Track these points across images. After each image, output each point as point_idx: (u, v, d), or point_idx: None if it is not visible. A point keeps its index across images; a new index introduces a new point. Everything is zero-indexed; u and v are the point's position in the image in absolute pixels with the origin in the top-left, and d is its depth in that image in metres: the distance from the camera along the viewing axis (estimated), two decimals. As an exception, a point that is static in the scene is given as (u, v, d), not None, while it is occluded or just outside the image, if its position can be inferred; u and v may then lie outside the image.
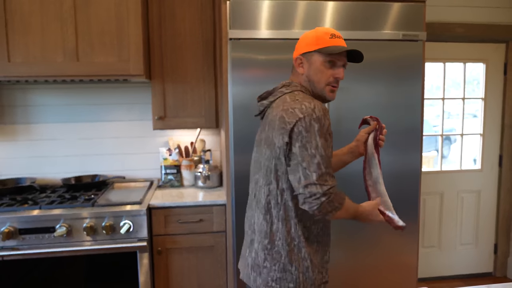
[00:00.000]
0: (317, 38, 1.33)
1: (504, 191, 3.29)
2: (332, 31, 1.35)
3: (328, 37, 1.32)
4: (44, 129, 2.66)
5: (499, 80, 3.22)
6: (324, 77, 1.34)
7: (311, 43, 1.34)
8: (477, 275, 3.36)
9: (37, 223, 2.03)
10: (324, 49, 1.31)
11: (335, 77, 1.34)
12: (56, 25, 2.15)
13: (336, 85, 1.36)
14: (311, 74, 1.36)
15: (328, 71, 1.34)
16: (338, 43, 1.33)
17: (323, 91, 1.36)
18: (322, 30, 1.36)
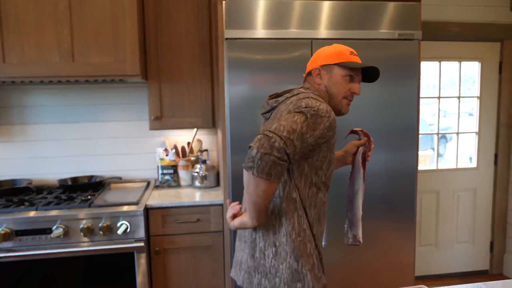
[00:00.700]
0: (339, 52, 1.38)
1: (500, 189, 3.31)
2: (350, 49, 1.41)
3: (348, 53, 1.38)
4: (40, 130, 2.65)
5: (494, 79, 3.24)
6: (343, 90, 1.38)
7: (332, 56, 1.38)
8: (474, 272, 3.38)
9: (34, 224, 2.02)
10: (346, 63, 1.36)
11: (352, 92, 1.39)
12: (52, 26, 2.15)
13: (351, 99, 1.42)
14: (331, 86, 1.40)
15: (347, 85, 1.38)
16: (357, 60, 1.39)
17: (340, 103, 1.40)
18: (343, 46, 1.41)
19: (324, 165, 1.30)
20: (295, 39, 2.07)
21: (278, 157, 1.13)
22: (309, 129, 1.20)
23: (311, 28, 2.08)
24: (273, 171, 1.14)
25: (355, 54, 1.41)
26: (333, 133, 1.28)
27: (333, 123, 1.26)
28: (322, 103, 1.26)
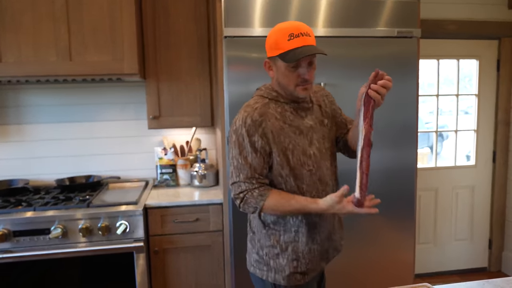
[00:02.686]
0: (276, 42, 1.28)
1: (498, 186, 3.31)
2: (291, 28, 1.27)
3: (286, 39, 1.26)
4: (36, 130, 2.63)
5: (492, 76, 3.25)
6: (291, 81, 1.32)
7: (272, 48, 1.31)
8: (472, 270, 3.39)
9: (32, 225, 2.00)
10: (282, 56, 1.28)
11: (302, 78, 1.32)
12: (49, 24, 2.12)
13: (307, 83, 1.33)
14: (280, 78, 1.36)
15: (293, 74, 1.31)
16: (297, 43, 1.25)
17: (295, 91, 1.35)
18: (281, 30, 1.28)
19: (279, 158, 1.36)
20: (294, 37, 2.05)
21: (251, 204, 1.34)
22: (239, 150, 1.34)
23: (310, 26, 2.07)
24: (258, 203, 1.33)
25: (296, 35, 1.25)
26: (258, 136, 1.32)
27: (249, 130, 1.31)
28: (243, 112, 1.35)
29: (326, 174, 1.43)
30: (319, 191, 1.41)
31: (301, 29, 1.27)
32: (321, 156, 1.41)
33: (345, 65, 2.12)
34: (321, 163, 1.41)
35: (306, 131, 1.39)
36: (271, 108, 1.37)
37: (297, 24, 1.29)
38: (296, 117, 1.39)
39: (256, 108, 1.35)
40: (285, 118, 1.37)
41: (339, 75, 2.13)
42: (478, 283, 1.21)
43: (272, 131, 1.33)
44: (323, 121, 1.47)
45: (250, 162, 1.33)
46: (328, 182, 1.44)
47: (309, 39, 1.28)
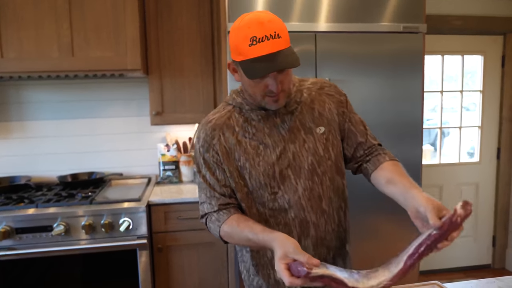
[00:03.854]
0: (236, 46, 1.02)
1: (502, 183, 3.29)
2: (254, 28, 0.98)
3: (247, 43, 0.98)
4: (38, 126, 2.61)
5: (497, 72, 3.22)
6: (258, 91, 1.08)
7: (233, 49, 1.04)
8: (476, 267, 3.37)
9: (34, 222, 1.99)
10: (243, 66, 1.02)
11: (270, 90, 1.06)
12: (51, 20, 2.10)
13: (276, 95, 1.07)
14: (244, 86, 1.13)
15: (259, 84, 1.06)
16: (260, 51, 0.98)
17: (262, 102, 1.11)
18: (241, 30, 1.00)
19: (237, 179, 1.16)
20: (299, 32, 2.03)
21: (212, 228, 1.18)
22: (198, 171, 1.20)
23: (315, 21, 2.05)
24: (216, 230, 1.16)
25: (259, 39, 0.97)
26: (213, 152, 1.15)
27: (203, 146, 1.15)
28: (200, 125, 1.19)
29: (304, 196, 1.15)
30: (289, 217, 1.15)
31: (267, 30, 0.98)
32: (298, 175, 1.14)
33: (349, 60, 2.09)
34: (297, 183, 1.14)
35: (274, 144, 1.14)
36: (232, 118, 1.16)
37: (262, 20, 0.99)
38: (263, 127, 1.15)
39: (211, 121, 1.17)
40: (246, 131, 1.14)
41: (343, 71, 2.10)
42: (488, 280, 1.19)
43: (225, 147, 1.14)
44: (312, 129, 1.17)
45: (208, 181, 1.17)
46: (306, 207, 1.15)
47: (277, 42, 0.99)
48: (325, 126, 1.19)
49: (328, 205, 1.19)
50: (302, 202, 1.15)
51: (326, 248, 1.20)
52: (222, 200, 1.16)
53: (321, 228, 1.18)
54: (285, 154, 1.14)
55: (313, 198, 1.16)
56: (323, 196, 1.17)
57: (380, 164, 1.17)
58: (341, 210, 1.24)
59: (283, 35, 1.00)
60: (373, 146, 1.23)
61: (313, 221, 1.16)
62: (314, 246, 1.18)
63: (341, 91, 1.26)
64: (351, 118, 1.24)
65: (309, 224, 1.16)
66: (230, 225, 1.12)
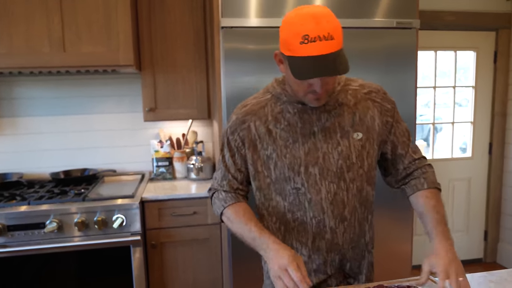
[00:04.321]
0: (286, 40, 0.98)
1: (494, 178, 3.33)
2: (308, 26, 0.94)
3: (299, 41, 0.94)
4: (30, 123, 2.58)
5: (489, 68, 3.24)
6: (301, 88, 1.05)
7: (283, 42, 1.01)
8: (468, 261, 3.41)
9: (26, 219, 1.97)
10: (290, 62, 0.99)
11: (313, 89, 1.04)
12: (41, 14, 2.07)
13: (319, 95, 1.05)
14: (288, 80, 1.09)
15: (303, 82, 1.03)
16: (311, 51, 0.94)
17: (305, 98, 1.08)
18: (294, 26, 0.96)
19: (260, 168, 1.16)
20: (293, 28, 2.02)
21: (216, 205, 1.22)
22: (223, 147, 1.23)
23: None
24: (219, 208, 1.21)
25: (312, 38, 0.93)
26: (237, 136, 1.17)
27: (231, 128, 1.18)
28: (236, 108, 1.22)
29: (326, 199, 1.12)
30: (307, 216, 1.14)
31: (321, 30, 0.93)
32: (323, 175, 1.12)
33: (343, 56, 2.09)
34: (322, 184, 1.12)
35: (304, 140, 1.12)
36: (268, 106, 1.16)
37: (319, 18, 0.94)
38: (297, 121, 1.12)
39: (247, 105, 1.18)
40: (278, 121, 1.13)
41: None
42: (480, 275, 1.20)
43: (254, 134, 1.14)
44: (349, 133, 1.13)
45: (226, 161, 1.21)
46: (326, 210, 1.13)
47: (329, 44, 0.94)
48: (364, 133, 1.14)
49: (351, 213, 1.16)
50: (324, 204, 1.13)
51: (341, 256, 1.19)
52: (232, 183, 1.20)
53: (339, 235, 1.16)
54: (314, 152, 1.12)
55: (335, 203, 1.13)
56: (346, 203, 1.14)
57: (418, 191, 1.18)
58: (366, 221, 1.22)
59: (337, 36, 0.96)
60: (413, 162, 1.21)
61: (331, 225, 1.14)
62: (327, 249, 1.17)
63: (390, 98, 1.20)
64: (396, 129, 1.19)
65: (326, 228, 1.15)
66: (235, 211, 1.15)
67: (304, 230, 1.15)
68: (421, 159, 1.22)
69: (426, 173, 1.20)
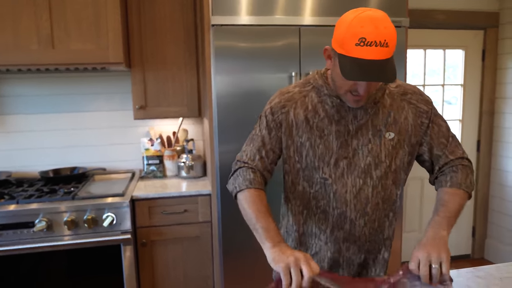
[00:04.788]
0: (343, 38, 1.00)
1: (482, 175, 3.37)
2: (367, 29, 0.97)
3: (355, 42, 0.97)
4: (18, 121, 2.55)
5: (478, 66, 3.28)
6: (344, 85, 1.08)
7: (337, 40, 1.03)
8: (456, 257, 3.46)
9: (15, 218, 1.95)
10: (341, 60, 1.02)
11: (356, 89, 1.07)
12: (29, 11, 2.05)
13: (360, 96, 1.08)
14: (333, 76, 1.12)
15: (345, 82, 1.07)
16: (365, 54, 0.97)
17: (344, 97, 1.12)
18: (354, 27, 0.98)
19: (292, 153, 1.21)
20: (283, 26, 2.03)
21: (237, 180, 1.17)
22: (261, 124, 1.23)
23: (299, 15, 2.05)
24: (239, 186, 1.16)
25: (369, 42, 0.96)
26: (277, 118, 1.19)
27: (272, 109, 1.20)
28: (277, 92, 1.24)
29: (351, 192, 1.17)
30: (330, 206, 1.19)
31: (379, 35, 0.96)
32: (350, 170, 1.17)
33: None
34: (348, 178, 1.17)
35: (338, 134, 1.16)
36: (308, 96, 1.19)
37: (378, 24, 0.97)
38: (334, 114, 1.16)
39: (289, 92, 1.22)
40: (316, 112, 1.17)
41: (328, 64, 2.11)
42: (467, 270, 1.22)
43: (293, 120, 1.18)
44: (381, 132, 1.16)
45: (263, 137, 1.21)
46: (349, 203, 1.18)
47: (383, 51, 0.97)
48: (396, 134, 1.17)
49: (373, 209, 1.19)
50: (347, 197, 1.17)
51: (357, 248, 1.22)
52: (264, 160, 1.19)
53: (358, 228, 1.20)
54: (346, 147, 1.16)
55: (359, 197, 1.17)
56: (370, 199, 1.18)
57: (441, 187, 1.20)
58: (387, 218, 1.24)
59: (391, 44, 0.98)
60: (449, 162, 1.21)
61: (351, 218, 1.18)
62: (344, 239, 1.21)
63: (427, 99, 1.23)
64: (432, 130, 1.21)
65: (346, 219, 1.19)
66: (257, 196, 1.12)
67: (325, 218, 1.20)
68: (458, 159, 1.21)
69: (455, 172, 1.19)
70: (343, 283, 1.00)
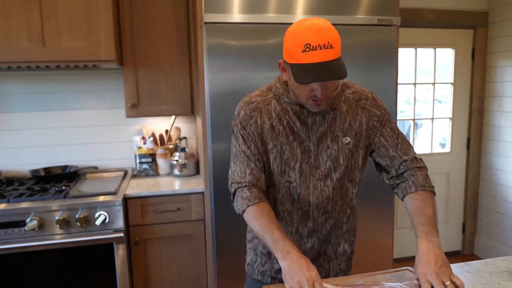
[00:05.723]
0: (290, 49, 1.06)
1: (472, 172, 3.42)
2: (310, 36, 1.03)
3: (301, 49, 1.03)
4: (9, 119, 2.53)
5: (467, 65, 3.32)
6: (303, 93, 1.12)
7: (286, 51, 1.09)
8: (447, 253, 3.42)
9: (6, 217, 1.93)
10: (293, 69, 1.07)
11: (314, 94, 1.11)
12: (19, 7, 2.03)
13: (319, 100, 1.12)
14: (292, 86, 1.17)
15: (305, 88, 1.10)
16: (312, 58, 1.02)
17: (305, 103, 1.16)
18: (297, 36, 1.04)
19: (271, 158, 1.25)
20: (275, 24, 2.03)
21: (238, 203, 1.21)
22: (235, 139, 1.26)
23: (291, 13, 2.05)
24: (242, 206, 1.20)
25: (314, 47, 1.02)
26: (250, 129, 1.22)
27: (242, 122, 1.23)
28: (240, 103, 1.27)
29: (313, 194, 1.24)
30: (295, 208, 1.27)
31: (322, 39, 1.02)
32: (312, 173, 1.23)
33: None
34: (311, 181, 1.24)
35: (301, 140, 1.22)
36: (271, 104, 1.23)
37: (320, 29, 1.03)
38: (296, 121, 1.22)
39: (253, 102, 1.25)
40: (280, 119, 1.22)
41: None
42: (457, 265, 1.24)
43: (260, 129, 1.22)
44: (339, 138, 1.23)
45: (244, 152, 1.24)
46: (312, 203, 1.25)
47: (329, 52, 1.03)
48: (352, 138, 1.24)
49: (333, 207, 1.28)
50: (311, 198, 1.25)
51: (320, 241, 1.31)
52: (255, 172, 1.22)
53: (319, 224, 1.29)
54: (308, 152, 1.23)
55: (321, 198, 1.25)
56: (330, 199, 1.26)
57: (407, 194, 1.22)
58: (344, 214, 1.32)
59: (336, 46, 1.04)
60: (403, 163, 1.25)
61: (313, 216, 1.27)
62: (308, 235, 1.29)
63: (380, 104, 1.28)
64: (383, 133, 1.26)
65: (309, 218, 1.28)
66: (259, 210, 1.16)
67: (291, 220, 1.28)
68: (412, 160, 1.25)
69: (415, 176, 1.23)
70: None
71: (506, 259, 1.27)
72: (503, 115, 3.17)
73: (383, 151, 1.26)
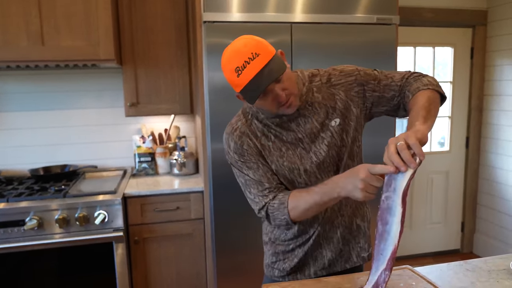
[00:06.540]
0: (230, 81, 1.10)
1: (471, 171, 3.42)
2: (234, 59, 1.06)
3: (236, 75, 1.06)
4: (8, 118, 2.52)
5: (466, 64, 3.32)
6: (269, 106, 1.13)
7: (231, 84, 1.12)
8: (446, 252, 3.51)
9: (5, 216, 1.93)
10: (242, 95, 1.10)
11: (278, 101, 1.11)
12: (18, 7, 2.02)
13: (286, 101, 1.12)
14: (257, 107, 1.20)
15: (267, 101, 1.11)
16: (247, 76, 1.05)
17: (279, 112, 1.16)
18: (226, 66, 1.08)
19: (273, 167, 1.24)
20: (275, 23, 2.04)
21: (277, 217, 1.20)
22: (239, 168, 1.25)
23: (291, 12, 2.05)
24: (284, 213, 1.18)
25: (242, 66, 1.05)
26: (248, 154, 1.21)
27: (237, 152, 1.22)
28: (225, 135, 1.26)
29: None
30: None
31: (244, 55, 1.05)
32: (321, 169, 1.23)
33: (324, 51, 2.11)
34: (321, 175, 1.23)
35: (294, 147, 1.22)
36: (253, 124, 1.23)
37: (238, 48, 1.07)
38: (281, 132, 1.22)
39: (236, 129, 1.24)
40: (266, 136, 1.22)
41: (318, 61, 2.12)
42: (457, 263, 1.25)
43: (257, 149, 1.22)
44: (328, 125, 1.22)
45: (253, 178, 1.22)
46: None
47: (257, 61, 1.05)
48: (340, 117, 1.22)
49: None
50: None
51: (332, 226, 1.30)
52: (273, 187, 1.21)
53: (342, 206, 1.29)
54: (307, 155, 1.21)
55: None
56: None
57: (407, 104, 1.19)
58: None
59: (262, 50, 1.05)
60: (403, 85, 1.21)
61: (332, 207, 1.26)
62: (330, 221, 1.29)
63: (348, 71, 1.24)
64: (369, 86, 1.23)
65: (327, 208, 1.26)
66: (293, 198, 1.16)
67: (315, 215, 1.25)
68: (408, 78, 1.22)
69: (411, 85, 1.19)
70: None
71: (505, 257, 1.28)
72: (502, 114, 3.18)
73: (385, 97, 1.23)
